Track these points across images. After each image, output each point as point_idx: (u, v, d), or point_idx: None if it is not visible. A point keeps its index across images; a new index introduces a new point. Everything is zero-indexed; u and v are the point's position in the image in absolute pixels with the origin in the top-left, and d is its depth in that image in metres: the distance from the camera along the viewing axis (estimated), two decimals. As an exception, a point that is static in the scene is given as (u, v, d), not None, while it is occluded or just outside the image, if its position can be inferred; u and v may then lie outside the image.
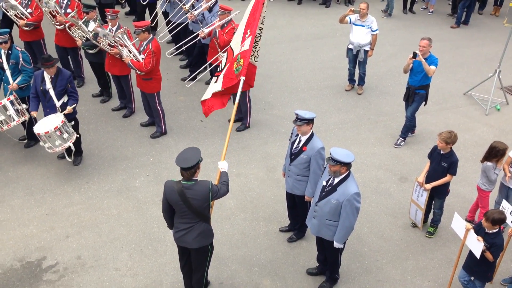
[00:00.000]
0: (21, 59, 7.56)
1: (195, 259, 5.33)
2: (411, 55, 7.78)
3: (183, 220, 5.04)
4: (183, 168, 4.82)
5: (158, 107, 8.22)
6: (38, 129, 6.95)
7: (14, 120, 7.45)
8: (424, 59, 7.79)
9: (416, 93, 8.10)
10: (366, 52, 9.57)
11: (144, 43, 7.73)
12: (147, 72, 7.75)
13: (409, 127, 8.47)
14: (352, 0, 14.79)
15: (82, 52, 9.44)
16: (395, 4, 14.04)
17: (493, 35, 13.14)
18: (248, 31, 6.23)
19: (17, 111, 7.46)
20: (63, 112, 7.06)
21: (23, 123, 7.67)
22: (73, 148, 7.26)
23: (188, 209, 4.92)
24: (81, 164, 7.78)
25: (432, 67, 7.78)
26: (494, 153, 6.41)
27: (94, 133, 8.50)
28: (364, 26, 9.36)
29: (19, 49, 7.67)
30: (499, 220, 5.16)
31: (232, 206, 7.11)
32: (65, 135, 7.04)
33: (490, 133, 9.00)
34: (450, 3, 14.54)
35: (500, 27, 13.16)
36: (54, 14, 9.03)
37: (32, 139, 7.99)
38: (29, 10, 9.13)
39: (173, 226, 5.20)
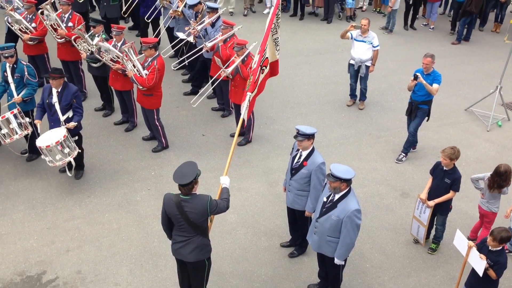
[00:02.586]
0: (26, 73, 7.62)
1: (191, 274, 5.32)
2: (413, 77, 7.82)
3: (181, 233, 5.07)
4: (180, 184, 4.86)
5: (157, 123, 8.24)
6: (40, 142, 6.98)
7: (17, 133, 7.47)
8: (427, 74, 7.83)
9: (419, 108, 8.12)
10: (367, 67, 9.62)
11: (150, 59, 7.78)
12: (149, 88, 7.79)
13: (411, 143, 8.48)
14: (353, 16, 14.90)
15: (84, 67, 9.50)
16: (397, 21, 14.14)
17: (494, 51, 13.20)
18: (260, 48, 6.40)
19: (20, 124, 7.49)
20: (66, 126, 7.09)
21: (25, 136, 7.69)
22: (73, 163, 7.26)
23: (185, 222, 4.95)
24: (83, 178, 7.78)
25: (435, 85, 7.82)
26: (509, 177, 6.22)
27: (96, 147, 8.51)
28: (365, 41, 9.43)
29: (24, 63, 7.73)
30: (507, 238, 5.15)
31: (233, 220, 7.09)
32: (66, 150, 7.04)
33: (492, 149, 9.00)
34: (451, 20, 14.62)
35: (500, 44, 13.24)
36: (55, 27, 9.12)
37: (34, 152, 8.01)
38: (33, 24, 9.22)
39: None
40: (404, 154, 8.51)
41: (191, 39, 9.26)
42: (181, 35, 9.48)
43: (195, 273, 5.30)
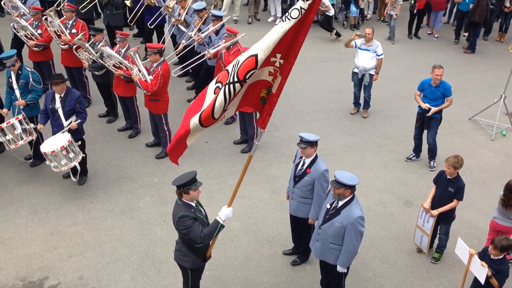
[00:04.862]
0: (31, 79, 7.65)
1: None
2: (427, 107, 7.98)
3: None
4: (173, 184, 4.96)
5: (165, 128, 8.27)
6: (44, 148, 7.00)
7: (22, 139, 7.50)
8: (437, 86, 7.96)
9: (432, 118, 8.17)
10: (371, 76, 9.63)
11: (155, 64, 7.83)
12: (154, 93, 7.82)
13: (434, 151, 8.49)
14: (357, 25, 14.94)
15: (88, 73, 9.54)
16: (401, 29, 14.16)
17: (498, 61, 13.18)
18: (277, 60, 4.78)
19: (25, 130, 7.52)
20: (68, 126, 7.11)
21: (30, 142, 7.72)
22: (78, 168, 7.28)
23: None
24: (86, 183, 7.80)
25: (449, 99, 8.04)
26: None
27: (100, 153, 8.53)
28: (369, 50, 9.44)
29: (29, 70, 7.77)
30: (508, 246, 5.12)
31: (236, 228, 7.07)
32: (71, 155, 7.07)
33: (496, 158, 8.97)
34: (455, 29, 14.63)
35: (505, 53, 13.22)
36: (59, 33, 9.18)
37: (38, 158, 8.03)
38: (39, 31, 9.28)
39: None
40: (433, 161, 8.51)
41: (193, 33, 9.33)
42: (183, 28, 9.63)
43: (182, 273, 5.40)
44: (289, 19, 4.40)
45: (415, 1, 13.65)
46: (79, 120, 7.22)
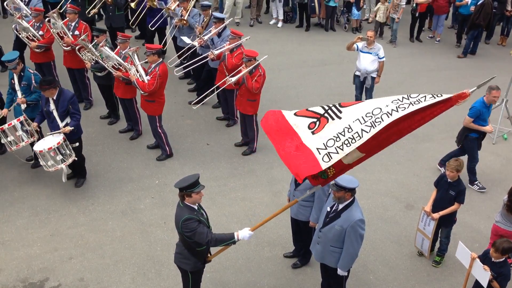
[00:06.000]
0: (33, 81, 7.66)
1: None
2: (491, 129, 7.91)
3: None
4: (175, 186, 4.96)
5: (159, 130, 8.27)
6: (36, 146, 7.07)
7: (23, 140, 7.50)
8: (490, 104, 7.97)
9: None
10: (373, 79, 9.63)
11: (153, 65, 7.84)
12: (151, 94, 7.82)
13: None
14: (359, 27, 14.95)
15: (90, 74, 9.56)
16: (403, 33, 14.16)
17: (500, 64, 13.17)
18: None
19: (26, 131, 7.52)
20: (61, 130, 7.10)
21: (31, 143, 7.72)
22: (65, 170, 7.23)
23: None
24: (87, 185, 7.79)
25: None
26: None
27: (101, 155, 8.54)
28: (371, 53, 9.45)
29: (32, 71, 7.78)
30: (509, 249, 5.12)
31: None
32: (59, 157, 7.03)
33: (497, 162, 8.95)
34: (456, 32, 14.63)
35: (506, 57, 13.22)
36: (61, 35, 9.20)
37: (39, 159, 8.02)
38: (40, 32, 9.29)
39: None
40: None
41: (196, 43, 9.33)
42: (186, 39, 9.58)
43: (182, 276, 5.39)
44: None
45: (417, 5, 13.67)
46: (73, 125, 7.14)
